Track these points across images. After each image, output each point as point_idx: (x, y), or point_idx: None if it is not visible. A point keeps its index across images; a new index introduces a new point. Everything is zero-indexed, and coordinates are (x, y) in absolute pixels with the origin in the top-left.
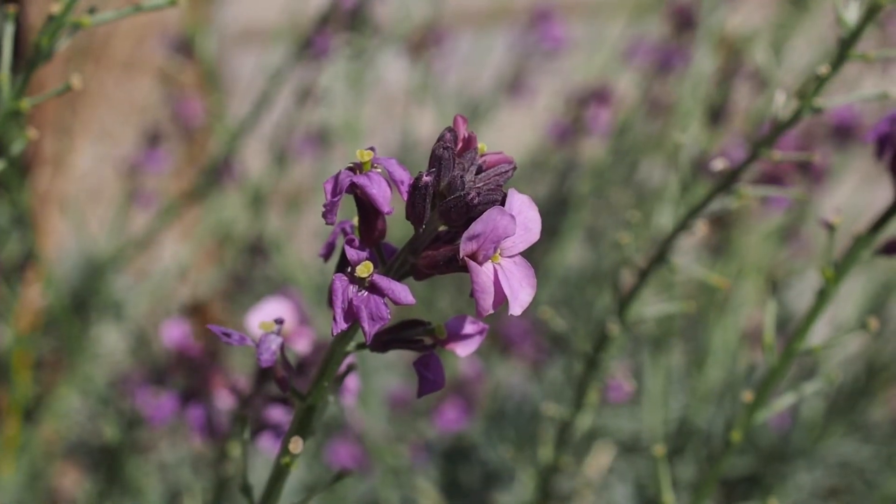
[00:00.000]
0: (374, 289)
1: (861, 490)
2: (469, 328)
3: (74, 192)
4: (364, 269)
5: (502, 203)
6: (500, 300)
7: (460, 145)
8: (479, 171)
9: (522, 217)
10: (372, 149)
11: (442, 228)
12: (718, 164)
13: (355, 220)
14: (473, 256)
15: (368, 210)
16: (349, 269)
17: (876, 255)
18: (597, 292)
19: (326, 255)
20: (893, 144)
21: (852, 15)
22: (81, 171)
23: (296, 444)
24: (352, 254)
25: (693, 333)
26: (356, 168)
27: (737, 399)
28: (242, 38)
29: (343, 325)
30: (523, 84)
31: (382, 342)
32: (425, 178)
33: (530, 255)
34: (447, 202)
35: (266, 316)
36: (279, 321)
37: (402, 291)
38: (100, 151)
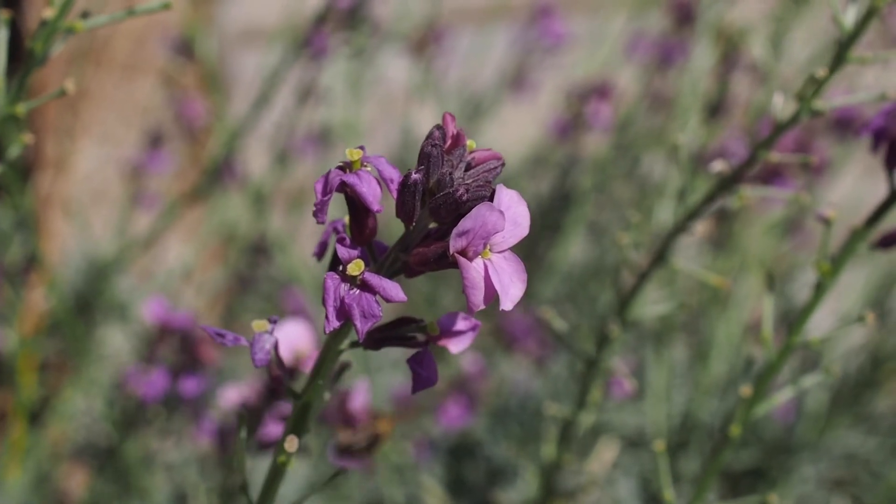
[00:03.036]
0: (365, 287)
1: (866, 481)
2: (461, 325)
3: (77, 194)
4: (355, 268)
5: (491, 199)
6: (491, 296)
7: (449, 143)
8: (468, 167)
9: (511, 212)
10: (361, 147)
11: (432, 225)
12: (718, 166)
13: (347, 219)
14: (463, 253)
15: (359, 208)
16: (340, 268)
17: (872, 249)
18: (600, 287)
19: (320, 255)
20: (888, 139)
21: (850, 18)
22: (84, 172)
23: (291, 443)
24: (343, 252)
25: (696, 327)
26: (346, 167)
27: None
28: (244, 39)
29: (335, 324)
30: (525, 80)
31: (375, 340)
32: (414, 176)
33: (532, 249)
34: (436, 199)
35: (284, 337)
36: (273, 320)
37: (394, 289)
38: (102, 153)
